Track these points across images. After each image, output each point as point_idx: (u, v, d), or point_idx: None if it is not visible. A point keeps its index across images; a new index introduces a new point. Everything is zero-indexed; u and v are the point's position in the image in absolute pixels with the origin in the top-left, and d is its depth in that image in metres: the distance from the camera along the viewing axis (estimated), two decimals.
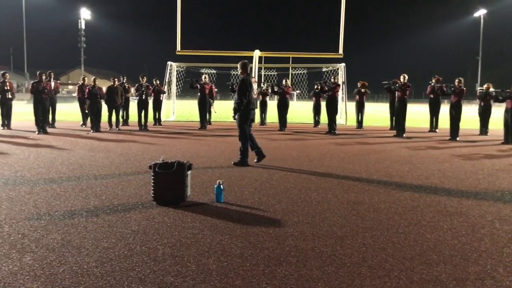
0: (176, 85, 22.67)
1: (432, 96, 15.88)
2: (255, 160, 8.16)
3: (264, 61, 23.31)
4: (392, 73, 24.31)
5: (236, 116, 8.03)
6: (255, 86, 14.80)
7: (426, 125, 17.43)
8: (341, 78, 20.21)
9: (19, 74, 76.11)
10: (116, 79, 15.64)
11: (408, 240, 4.05)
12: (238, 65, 8.10)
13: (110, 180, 6.52)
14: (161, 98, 17.64)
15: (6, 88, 14.70)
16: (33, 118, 13.88)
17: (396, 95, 14.35)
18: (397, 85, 14.37)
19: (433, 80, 15.71)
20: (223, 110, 23.18)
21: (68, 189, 5.85)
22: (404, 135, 14.14)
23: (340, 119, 19.75)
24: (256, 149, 8.17)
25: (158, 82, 17.00)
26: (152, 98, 16.89)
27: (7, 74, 15.25)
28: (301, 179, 6.87)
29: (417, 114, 31.34)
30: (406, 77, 14.27)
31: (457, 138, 13.42)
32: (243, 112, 7.87)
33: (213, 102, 18.08)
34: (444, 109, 16.62)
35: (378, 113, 32.43)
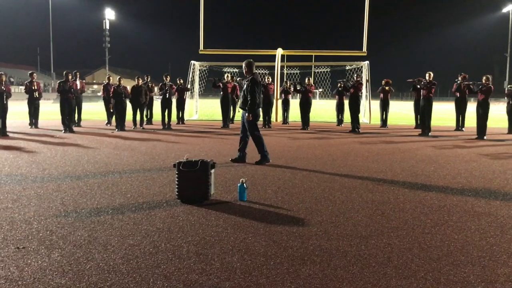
0: (199, 84, 22.81)
1: (458, 94, 15.57)
2: (231, 158, 8.29)
3: (287, 60, 23.26)
4: (417, 71, 23.94)
5: (246, 117, 7.97)
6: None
7: (452, 123, 17.12)
8: (365, 76, 20.00)
9: (46, 74, 77.81)
10: (140, 79, 15.83)
11: (434, 240, 3.98)
12: (244, 64, 8.01)
13: (135, 178, 6.61)
14: (184, 97, 17.77)
15: (33, 87, 15.02)
16: (59, 117, 14.15)
17: (422, 93, 14.13)
18: (422, 83, 14.15)
19: (460, 78, 15.40)
20: None
21: (94, 187, 5.95)
22: (430, 134, 13.92)
23: (364, 118, 19.57)
24: (242, 152, 8.17)
25: (181, 81, 17.13)
26: (175, 97, 17.03)
27: (34, 74, 15.58)
28: (324, 178, 6.83)
29: (442, 112, 30.82)
30: (432, 75, 14.03)
31: (485, 137, 13.14)
32: (253, 111, 7.85)
33: (238, 101, 18.10)
34: (471, 108, 16.30)
35: (402, 112, 32.00)
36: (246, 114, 7.93)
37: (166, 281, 3.05)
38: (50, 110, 25.42)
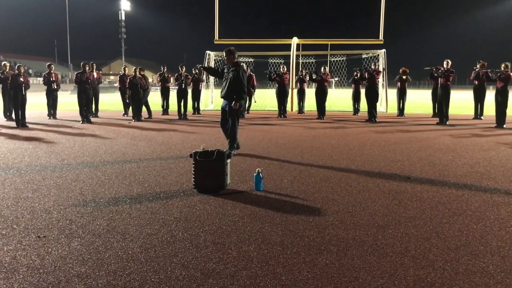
0: None
1: (476, 82, 15.31)
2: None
3: (302, 49, 23.09)
4: (434, 59, 23.58)
5: (232, 105, 7.63)
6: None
7: (470, 112, 16.87)
8: (381, 64, 19.77)
9: (63, 65, 78.64)
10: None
11: (452, 230, 3.94)
12: (225, 53, 7.72)
13: (152, 168, 6.66)
14: (200, 87, 17.79)
15: (52, 79, 15.19)
16: (77, 108, 14.32)
17: (439, 81, 13.93)
18: (440, 71, 13.94)
19: (478, 66, 15.13)
20: (261, 99, 23.14)
21: (112, 177, 6.02)
22: (448, 122, 13.74)
23: (380, 107, 19.37)
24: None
25: (197, 71, 17.15)
26: (191, 87, 17.07)
27: (52, 65, 15.75)
28: (340, 167, 6.81)
29: (460, 100, 30.36)
30: (450, 62, 13.81)
31: (504, 126, 12.91)
32: (240, 100, 7.72)
33: (254, 91, 18.07)
34: (490, 96, 16.02)
35: (420, 100, 31.60)
36: (233, 103, 7.62)
37: (183, 269, 3.08)
38: (68, 101, 25.72)
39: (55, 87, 15.43)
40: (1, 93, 15.02)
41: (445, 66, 13.83)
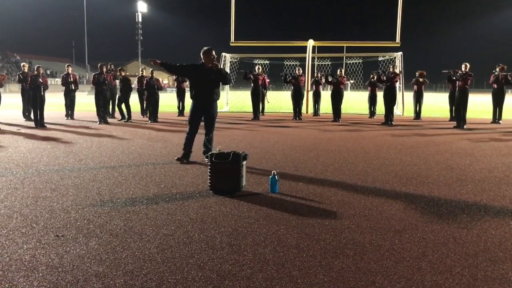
0: (230, 76, 22.84)
1: (495, 85, 15.11)
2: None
3: (318, 51, 23.06)
4: (452, 62, 23.32)
5: (214, 108, 7.37)
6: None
7: (489, 116, 16.63)
8: (398, 67, 19.62)
9: (80, 67, 79.63)
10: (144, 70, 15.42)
11: (471, 235, 3.89)
12: (206, 52, 7.10)
13: (168, 169, 6.71)
14: None
15: (69, 80, 15.40)
16: (94, 108, 14.48)
17: (457, 84, 13.78)
18: (458, 74, 13.79)
19: (497, 69, 14.93)
20: (276, 101, 23.15)
21: (129, 177, 6.07)
22: (465, 126, 13.57)
23: (397, 110, 19.22)
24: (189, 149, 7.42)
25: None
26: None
27: (70, 66, 15.97)
28: (357, 171, 6.77)
29: (478, 104, 29.97)
30: (468, 66, 13.66)
31: None
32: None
33: (266, 92, 18.11)
34: (509, 99, 15.78)
35: (436, 104, 31.28)
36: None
37: (200, 270, 3.09)
38: (85, 102, 26.00)
39: (73, 87, 15.62)
40: (21, 94, 15.28)
41: (463, 69, 13.68)
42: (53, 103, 23.28)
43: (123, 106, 15.24)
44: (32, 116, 13.78)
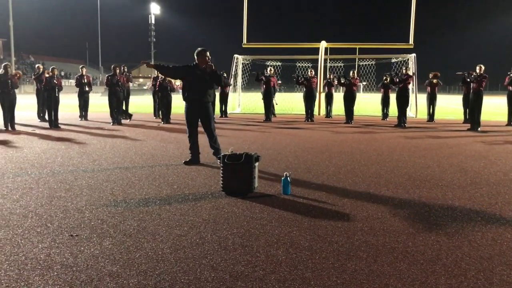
0: (242, 78, 22.92)
1: (510, 88, 14.92)
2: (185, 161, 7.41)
3: (330, 52, 22.98)
4: (466, 64, 23.09)
5: (209, 109, 7.31)
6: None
7: (503, 118, 16.43)
8: (411, 69, 19.48)
9: (94, 68, 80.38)
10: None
11: (485, 239, 3.85)
12: (201, 53, 7.03)
13: (181, 170, 6.74)
14: (227, 91, 17.91)
15: (83, 81, 15.55)
16: (108, 109, 14.60)
17: (472, 86, 13.64)
18: (472, 76, 13.64)
19: None
20: (288, 102, 23.14)
21: (142, 178, 6.11)
22: (479, 129, 13.43)
23: (410, 112, 19.08)
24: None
25: (225, 75, 17.26)
26: (218, 91, 17.19)
27: (84, 68, 16.12)
28: (369, 173, 6.74)
29: (493, 106, 29.62)
30: (483, 67, 13.51)
31: None
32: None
33: (274, 94, 18.08)
34: None
35: (450, 106, 30.99)
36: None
37: (212, 271, 3.10)
38: (99, 103, 26.21)
39: (87, 89, 15.77)
40: (36, 95, 15.48)
41: (477, 71, 13.54)
42: (67, 104, 23.50)
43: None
44: (46, 117, 13.94)
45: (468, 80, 13.97)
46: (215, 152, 7.37)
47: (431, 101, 16.89)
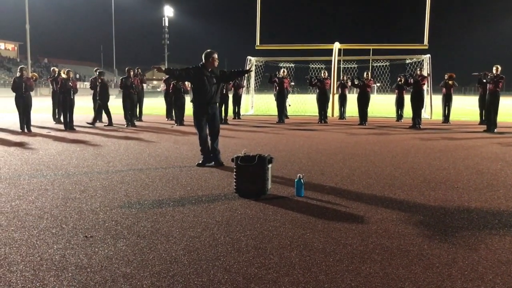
0: (255, 80, 22.93)
1: None
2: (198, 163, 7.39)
3: (344, 53, 22.88)
4: (482, 64, 22.81)
5: (216, 110, 7.36)
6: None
7: None
8: (426, 70, 19.30)
9: (108, 70, 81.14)
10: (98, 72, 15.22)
11: (503, 242, 3.79)
12: (209, 55, 7.09)
13: (194, 171, 6.75)
14: (240, 93, 17.93)
15: (98, 83, 15.65)
16: (122, 112, 14.71)
17: (488, 87, 13.46)
18: (489, 77, 13.46)
19: None
20: (301, 104, 23.06)
21: (156, 180, 6.14)
22: (496, 130, 13.24)
23: (425, 113, 18.90)
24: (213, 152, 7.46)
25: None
26: (232, 92, 17.21)
27: (99, 70, 16.24)
28: (384, 175, 6.68)
29: (509, 107, 29.21)
30: (499, 68, 13.33)
31: None
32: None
33: (287, 95, 18.05)
34: None
35: (466, 107, 30.64)
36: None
37: (226, 273, 3.10)
38: (113, 105, 26.40)
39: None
40: (51, 97, 15.66)
41: (494, 71, 13.36)
42: (82, 106, 23.72)
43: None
44: (62, 119, 14.09)
45: (484, 80, 13.80)
46: (214, 157, 7.35)
47: (447, 102, 16.70)
